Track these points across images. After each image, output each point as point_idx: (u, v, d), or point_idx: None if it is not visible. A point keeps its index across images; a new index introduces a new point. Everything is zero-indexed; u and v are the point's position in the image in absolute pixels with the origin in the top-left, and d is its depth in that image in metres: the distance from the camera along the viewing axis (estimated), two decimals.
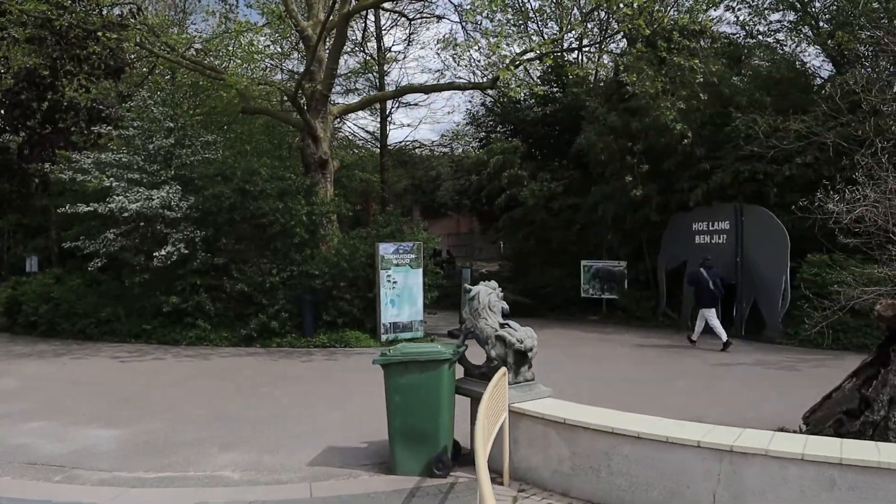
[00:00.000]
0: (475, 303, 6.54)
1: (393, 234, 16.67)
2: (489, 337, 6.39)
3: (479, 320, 6.47)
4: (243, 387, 10.77)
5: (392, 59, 30.79)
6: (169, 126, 16.97)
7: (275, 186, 16.10)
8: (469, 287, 6.75)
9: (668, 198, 18.80)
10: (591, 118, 20.48)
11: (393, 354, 6.35)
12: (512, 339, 6.22)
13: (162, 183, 16.36)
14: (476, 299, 6.54)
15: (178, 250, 15.78)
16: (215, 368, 12.59)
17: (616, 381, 11.04)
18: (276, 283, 15.77)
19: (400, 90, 19.31)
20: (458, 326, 17.22)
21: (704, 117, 18.15)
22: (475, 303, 6.54)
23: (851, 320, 14.76)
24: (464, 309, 6.79)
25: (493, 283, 6.75)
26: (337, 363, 13.22)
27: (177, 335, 16.17)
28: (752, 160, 16.63)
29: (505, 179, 22.09)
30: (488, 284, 6.68)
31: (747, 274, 16.63)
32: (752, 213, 16.70)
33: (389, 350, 6.45)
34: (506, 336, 6.26)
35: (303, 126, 18.29)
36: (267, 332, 15.67)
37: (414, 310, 16.19)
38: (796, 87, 18.77)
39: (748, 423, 8.24)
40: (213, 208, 16.14)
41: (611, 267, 20.66)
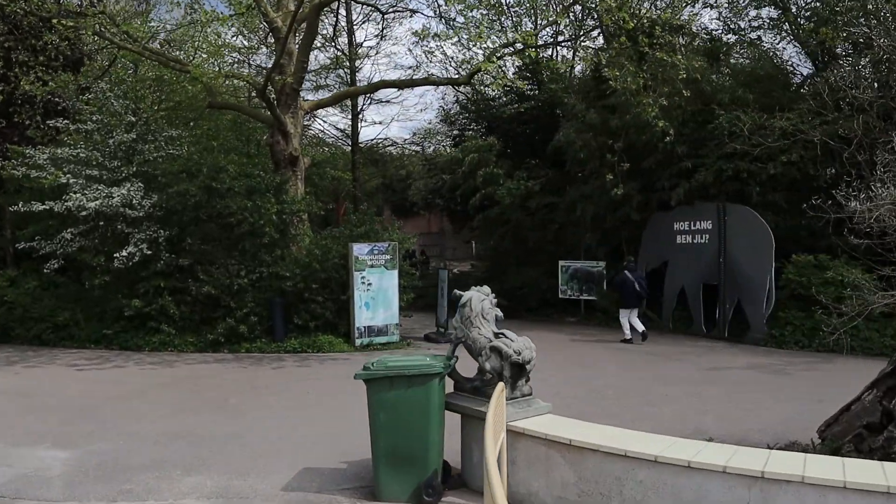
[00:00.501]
0: (467, 310, 5.95)
1: (367, 234, 16.02)
2: (483, 348, 5.81)
3: (472, 329, 5.88)
4: (210, 398, 10.04)
5: (364, 55, 30.09)
6: (130, 120, 16.10)
7: (243, 184, 15.36)
8: (460, 293, 6.16)
9: (649, 197, 18.41)
10: (569, 115, 20.02)
11: (377, 368, 5.72)
12: (509, 350, 5.64)
13: (123, 180, 15.51)
14: (468, 306, 5.95)
15: (140, 251, 14.97)
16: (180, 377, 11.83)
17: (604, 389, 10.53)
18: (244, 285, 15.02)
19: (373, 85, 18.67)
20: (436, 330, 16.63)
21: (686, 115, 17.77)
22: (467, 310, 5.95)
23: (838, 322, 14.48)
24: (454, 317, 6.17)
25: (486, 289, 6.16)
26: (310, 370, 12.53)
27: (139, 340, 15.35)
28: (735, 158, 16.28)
29: (480, 178, 21.55)
30: (481, 290, 6.09)
31: (730, 274, 16.27)
32: (735, 213, 16.34)
33: (373, 363, 5.82)
34: (502, 347, 5.67)
35: (272, 122, 17.54)
36: (235, 336, 14.92)
37: (389, 313, 15.55)
38: (778, 84, 18.50)
39: (750, 434, 7.78)
40: (178, 207, 15.34)
41: (589, 267, 20.20)
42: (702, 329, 16.82)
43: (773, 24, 18.50)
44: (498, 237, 23.11)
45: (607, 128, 18.48)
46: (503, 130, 24.27)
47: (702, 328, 16.83)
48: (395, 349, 15.14)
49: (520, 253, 22.74)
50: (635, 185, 17.93)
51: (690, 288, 17.23)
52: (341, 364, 13.16)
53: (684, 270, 17.38)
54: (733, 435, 7.69)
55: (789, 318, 15.11)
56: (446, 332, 16.23)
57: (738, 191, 16.77)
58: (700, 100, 17.88)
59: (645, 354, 14.00)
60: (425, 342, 16.05)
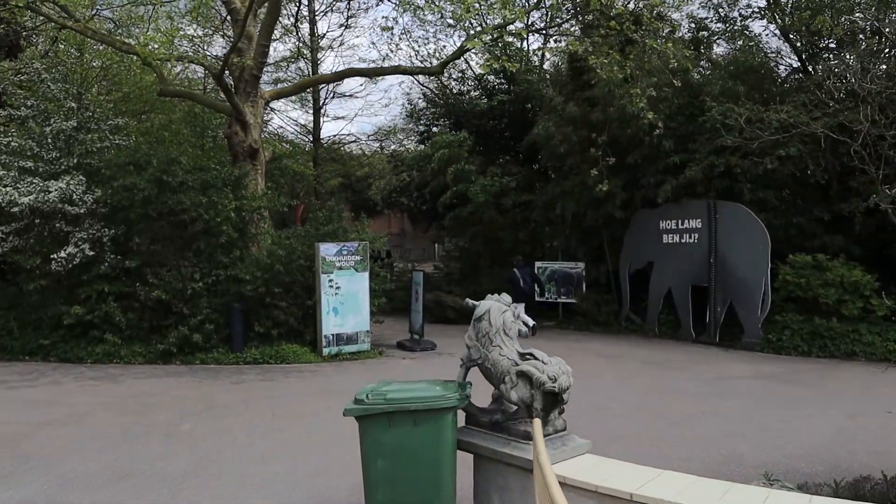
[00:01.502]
0: (485, 325, 4.75)
1: (335, 233, 14.69)
2: (507, 373, 4.60)
3: (492, 349, 4.68)
4: (160, 422, 8.63)
5: (327, 47, 28.71)
6: (70, 106, 14.51)
7: (197, 178, 13.91)
8: (474, 303, 4.95)
9: (633, 194, 17.43)
10: (547, 108, 18.94)
11: (373, 401, 4.47)
12: (541, 376, 4.43)
13: (62, 173, 13.96)
14: (486, 320, 4.75)
15: (81, 252, 13.54)
16: (125, 395, 10.36)
17: (608, 405, 9.39)
18: (198, 289, 13.57)
19: (340, 73, 17.35)
20: (409, 336, 15.38)
21: (673, 108, 16.84)
22: (485, 325, 4.75)
23: (838, 326, 13.69)
24: (468, 332, 4.94)
25: (507, 298, 4.96)
26: (274, 385, 11.16)
27: (81, 351, 13.80)
28: (727, 153, 15.38)
29: (451, 175, 20.33)
30: (500, 299, 4.89)
31: (722, 276, 15.37)
32: (727, 211, 15.44)
33: (367, 394, 4.56)
34: (532, 372, 4.46)
35: (230, 111, 16.12)
36: (189, 346, 13.48)
37: (359, 319, 14.24)
38: (767, 76, 17.71)
39: (795, 462, 6.72)
40: (124, 202, 13.82)
41: (568, 269, 19.18)
42: (690, 334, 15.88)
43: (762, 13, 17.63)
44: (470, 237, 21.94)
45: (588, 121, 17.48)
46: (473, 126, 23.09)
47: (690, 333, 15.89)
48: (366, 359, 13.87)
49: (493, 253, 21.63)
50: (618, 181, 16.92)
51: (678, 290, 16.27)
52: (308, 377, 11.84)
53: (671, 271, 16.43)
54: (777, 463, 6.64)
55: (786, 321, 14.26)
56: (422, 338, 14.99)
57: (727, 188, 15.88)
58: (687, 92, 16.98)
59: (640, 363, 12.95)
60: (399, 350, 14.79)
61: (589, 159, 17.20)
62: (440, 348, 14.67)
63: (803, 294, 14.07)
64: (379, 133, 31.69)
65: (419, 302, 15.19)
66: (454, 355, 14.03)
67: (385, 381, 4.84)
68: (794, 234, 15.56)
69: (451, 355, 13.98)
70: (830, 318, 13.82)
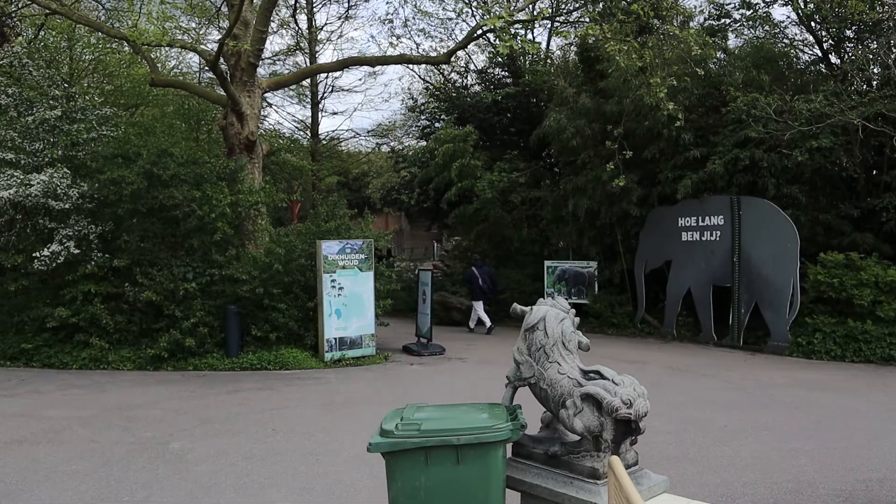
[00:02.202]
0: (539, 336, 3.86)
1: (338, 230, 13.78)
2: (568, 395, 3.72)
3: (549, 366, 3.80)
4: (146, 440, 7.72)
5: (326, 39, 27.80)
6: (55, 94, 13.58)
7: (190, 171, 13.01)
8: (523, 309, 4.08)
9: (649, 190, 16.57)
10: (558, 100, 18.05)
11: (405, 433, 3.57)
12: (613, 400, 3.56)
13: (46, 165, 13.05)
14: (540, 329, 3.87)
15: (66, 250, 12.65)
16: (109, 407, 9.44)
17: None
18: (192, 290, 12.66)
19: (342, 62, 16.43)
20: (416, 340, 14.49)
21: (693, 98, 15.97)
22: (539, 336, 3.86)
23: (874, 329, 12.83)
24: (517, 344, 4.05)
25: (564, 302, 4.08)
26: (273, 395, 10.25)
27: (65, 356, 12.89)
28: (752, 146, 14.55)
29: (455, 170, 19.45)
30: (556, 303, 4.01)
31: (746, 275, 14.50)
32: (752, 207, 14.57)
33: (398, 423, 3.65)
34: (602, 396, 3.58)
35: (225, 102, 15.23)
36: (181, 351, 12.57)
37: (364, 322, 13.35)
38: (790, 66, 16.86)
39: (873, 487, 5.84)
40: (112, 197, 12.91)
41: (579, 268, 18.30)
42: (712, 337, 15.02)
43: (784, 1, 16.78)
44: (475, 236, 21.05)
45: (602, 113, 16.63)
46: (477, 121, 22.19)
47: (712, 336, 15.02)
48: (371, 364, 12.97)
49: (499, 253, 20.76)
50: (634, 176, 16.05)
51: (698, 290, 15.42)
52: (310, 386, 10.93)
53: (691, 271, 15.57)
54: (856, 490, 5.78)
55: (817, 324, 13.41)
56: (430, 342, 14.10)
57: (750, 183, 15.06)
58: (706, 82, 16.14)
59: (664, 369, 12.08)
60: (405, 354, 13.90)
61: (603, 153, 16.39)
62: (449, 352, 13.80)
63: (836, 295, 13.23)
64: (379, 129, 30.76)
65: (427, 304, 14.29)
66: (465, 360, 13.16)
67: (415, 406, 3.95)
68: (820, 231, 14.76)
69: (461, 360, 13.11)
70: (865, 320, 12.98)
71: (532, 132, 19.61)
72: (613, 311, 17.29)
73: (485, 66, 25.41)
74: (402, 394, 10.15)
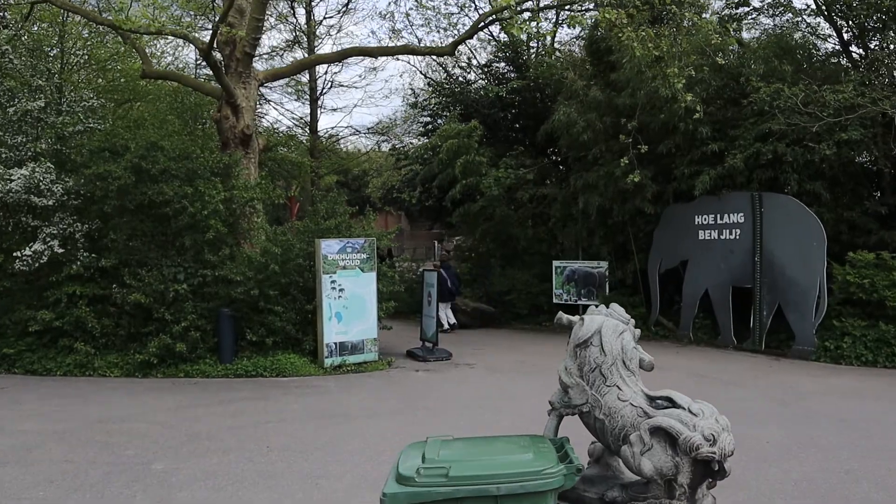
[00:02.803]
0: (594, 353, 3.11)
1: (338, 228, 13.02)
2: (633, 428, 2.96)
3: (607, 390, 3.05)
4: (125, 459, 6.95)
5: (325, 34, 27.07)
6: (38, 84, 12.82)
7: (182, 166, 12.25)
8: (571, 318, 3.33)
9: (664, 186, 15.82)
10: (567, 93, 17.29)
11: (429, 480, 2.80)
12: (693, 436, 2.80)
13: (29, 160, 12.30)
14: (595, 345, 3.12)
15: (50, 249, 11.94)
16: (91, 419, 8.68)
17: None
18: (183, 292, 11.90)
19: (343, 52, 15.69)
20: (421, 345, 13.72)
21: (710, 90, 15.22)
22: (594, 353, 3.11)
23: None
24: (563, 363, 3.28)
25: (622, 311, 3.34)
26: (269, 405, 9.49)
27: (49, 362, 12.14)
28: (774, 140, 13.80)
29: (460, 167, 18.67)
30: (612, 311, 3.27)
31: (769, 276, 13.76)
32: (775, 203, 13.83)
33: (419, 468, 2.87)
34: (679, 431, 2.82)
35: (219, 94, 14.50)
36: (171, 357, 11.82)
37: (366, 325, 12.59)
38: (811, 56, 16.10)
39: None
40: (99, 193, 12.15)
41: (589, 268, 17.54)
42: (731, 340, 14.28)
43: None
44: (480, 235, 20.28)
45: (614, 107, 15.89)
46: (482, 116, 21.41)
47: (731, 339, 14.29)
48: (374, 370, 12.22)
49: (505, 252, 20.00)
50: (648, 172, 15.30)
51: (716, 292, 14.68)
52: (308, 395, 10.17)
53: (709, 271, 14.83)
54: None
55: (846, 327, 12.67)
56: (435, 347, 13.33)
57: (770, 178, 14.32)
58: (725, 73, 15.40)
59: (687, 375, 11.32)
60: (409, 360, 13.13)
61: (615, 148, 15.66)
62: (456, 357, 13.04)
63: (866, 296, 12.49)
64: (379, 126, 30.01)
65: (432, 306, 13.52)
66: (473, 366, 12.38)
67: (439, 440, 3.19)
68: (844, 229, 14.03)
69: (469, 366, 12.35)
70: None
71: (537, 128, 18.88)
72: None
73: (489, 59, 24.71)
74: (407, 404, 9.40)
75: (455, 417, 8.46)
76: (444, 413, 8.71)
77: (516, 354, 13.53)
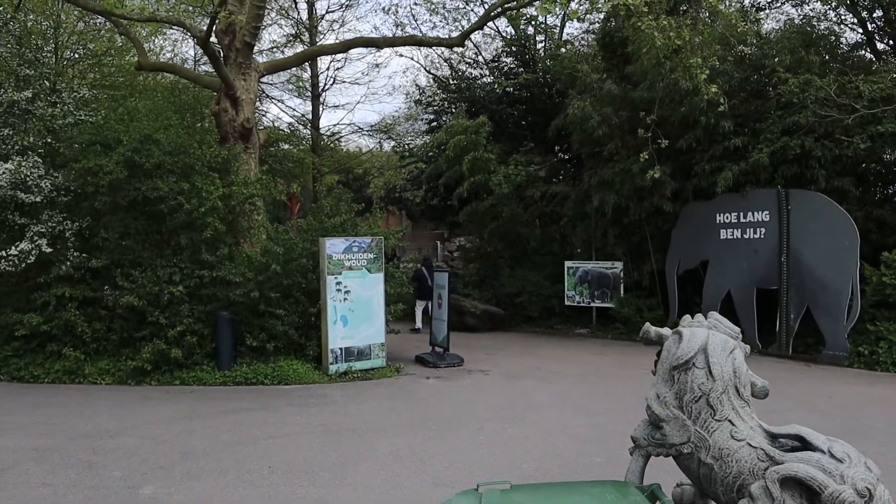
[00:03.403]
0: (699, 377, 2.37)
1: (344, 226, 12.31)
2: (752, 475, 2.23)
3: (716, 426, 2.32)
4: (110, 482, 6.23)
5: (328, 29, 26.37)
6: (26, 73, 12.11)
7: (178, 160, 11.54)
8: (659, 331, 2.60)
9: (683, 183, 15.12)
10: (581, 87, 16.58)
11: None
12: (841, 491, 2.07)
13: (15, 153, 11.58)
14: (701, 367, 2.38)
15: (37, 248, 11.24)
16: (76, 434, 7.96)
17: None
18: (178, 294, 11.17)
19: (347, 42, 14.98)
20: (431, 350, 13.00)
21: (733, 82, 14.52)
22: (699, 377, 2.37)
23: None
24: (653, 390, 2.55)
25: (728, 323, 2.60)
26: (270, 417, 8.78)
27: (37, 369, 11.43)
28: (801, 134, 13.11)
29: (468, 164, 17.97)
30: (718, 324, 2.54)
31: (797, 277, 13.06)
32: (803, 201, 13.13)
33: None
34: (822, 483, 2.09)
35: (218, 86, 13.81)
36: (166, 363, 11.10)
37: (373, 329, 11.88)
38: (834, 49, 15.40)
39: None
40: (90, 189, 11.44)
41: (603, 269, 16.87)
42: (756, 344, 13.52)
43: None
44: (488, 234, 19.57)
45: (630, 100, 15.20)
46: (489, 112, 20.72)
47: (756, 343, 13.54)
48: (382, 378, 11.49)
49: (514, 252, 19.30)
50: (666, 168, 14.59)
51: (739, 293, 13.97)
52: (313, 405, 9.44)
53: (731, 272, 14.13)
54: None
55: (881, 331, 11.99)
56: (446, 352, 12.61)
57: (796, 175, 13.63)
58: (747, 65, 14.72)
59: None
60: (419, 366, 12.41)
61: (631, 144, 14.97)
62: (468, 363, 12.32)
63: None
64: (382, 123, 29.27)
65: (444, 309, 12.79)
66: (487, 373, 11.64)
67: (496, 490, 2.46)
68: (874, 227, 13.38)
69: (483, 372, 11.63)
70: None
71: (546, 124, 18.24)
72: (642, 316, 15.83)
73: (496, 54, 24.04)
74: (420, 416, 8.67)
75: (475, 432, 7.73)
76: (462, 427, 7.98)
77: (531, 359, 12.81)
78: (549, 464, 6.52)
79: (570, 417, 8.31)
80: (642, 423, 2.65)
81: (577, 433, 7.58)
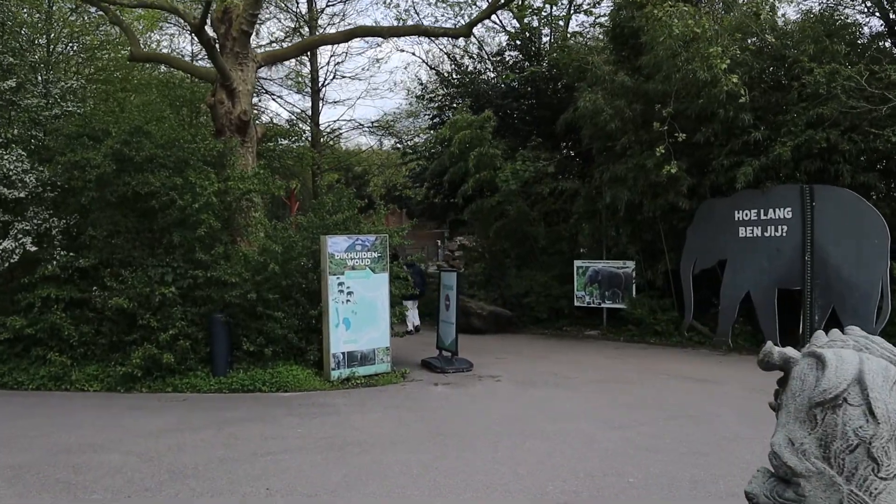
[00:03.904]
0: (854, 418, 1.71)
1: (346, 224, 11.66)
2: None
3: (882, 486, 1.66)
4: None
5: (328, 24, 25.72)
6: (9, 62, 11.46)
7: (171, 153, 10.90)
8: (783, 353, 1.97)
9: (699, 179, 14.49)
10: (592, 79, 15.93)
11: None
12: None
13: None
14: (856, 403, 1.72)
15: (22, 247, 10.63)
16: (57, 449, 7.30)
17: None
18: (171, 295, 10.51)
19: (348, 32, 14.36)
20: (438, 354, 12.35)
21: (753, 73, 13.89)
22: (854, 418, 1.71)
23: None
24: (781, 432, 1.89)
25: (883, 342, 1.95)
26: (268, 428, 8.12)
27: (21, 374, 10.79)
28: (826, 127, 12.50)
29: (473, 160, 17.33)
30: (874, 346, 1.88)
31: (822, 276, 12.45)
32: (828, 197, 12.54)
33: None
34: None
35: (214, 77, 13.17)
36: (158, 369, 10.44)
37: (377, 333, 11.23)
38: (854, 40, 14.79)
39: None
40: (77, 184, 10.79)
41: (614, 268, 16.23)
42: None
43: None
44: (493, 233, 18.93)
45: (643, 93, 14.58)
46: (494, 107, 20.06)
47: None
48: (387, 384, 10.84)
49: (521, 251, 18.66)
50: (682, 164, 13.96)
51: (760, 294, 13.37)
52: (315, 415, 8.79)
53: (751, 271, 13.53)
54: None
55: None
56: (454, 356, 11.95)
57: (819, 169, 13.02)
58: (767, 55, 14.10)
59: (745, 390, 9.95)
60: (426, 371, 11.75)
61: (645, 138, 14.37)
62: (478, 368, 11.66)
63: None
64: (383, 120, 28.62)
65: (451, 311, 12.11)
66: (499, 379, 10.95)
67: None
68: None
69: (494, 378, 10.97)
70: None
71: (553, 119, 17.61)
72: (656, 318, 15.21)
73: (501, 48, 23.43)
74: (431, 429, 8.01)
75: (492, 447, 7.08)
76: (477, 441, 7.33)
77: (544, 364, 12.16)
78: (578, 485, 5.88)
79: (594, 430, 7.65)
80: (761, 475, 2.01)
81: (605, 448, 6.93)
